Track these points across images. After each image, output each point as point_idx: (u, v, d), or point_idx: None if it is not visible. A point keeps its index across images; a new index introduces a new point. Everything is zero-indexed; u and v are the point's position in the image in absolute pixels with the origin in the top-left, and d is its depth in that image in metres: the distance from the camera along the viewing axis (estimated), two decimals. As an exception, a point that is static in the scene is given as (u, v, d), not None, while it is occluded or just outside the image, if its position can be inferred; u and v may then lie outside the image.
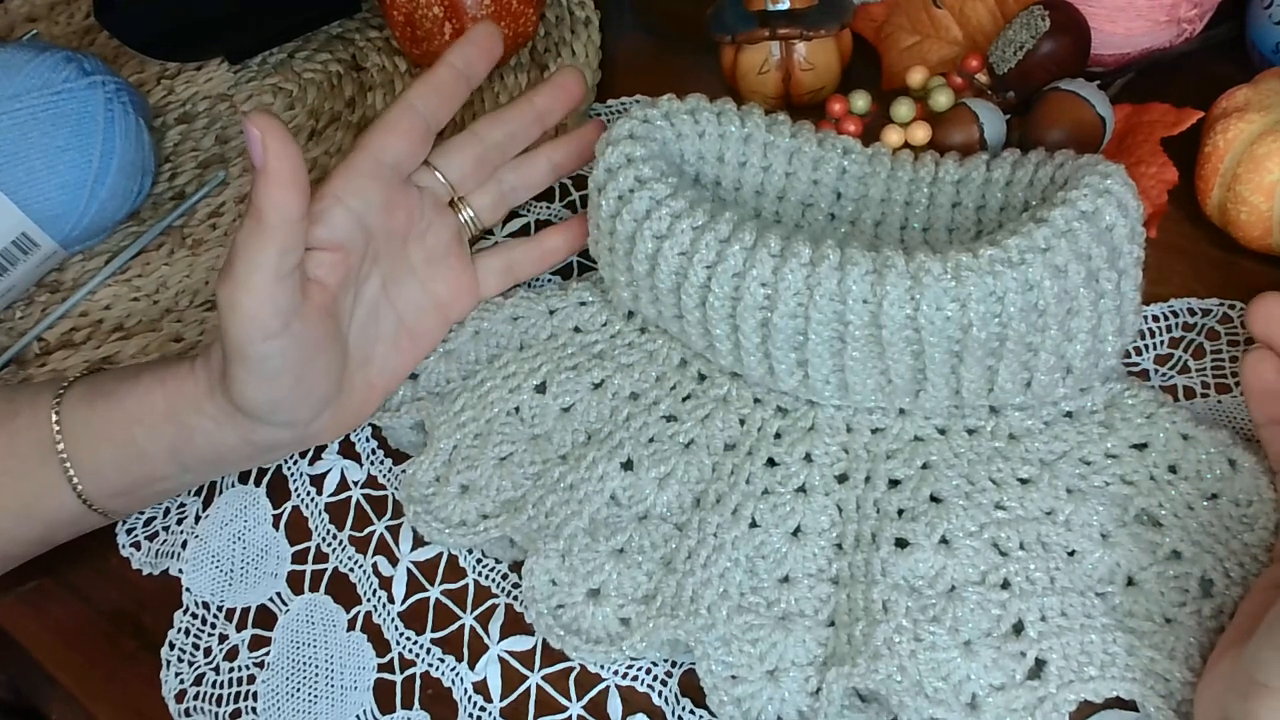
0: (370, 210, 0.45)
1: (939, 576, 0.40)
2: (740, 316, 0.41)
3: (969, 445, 0.43)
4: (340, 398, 0.46)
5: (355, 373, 0.47)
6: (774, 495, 0.43)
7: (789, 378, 0.43)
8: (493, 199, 0.51)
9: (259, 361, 0.41)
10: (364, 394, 0.47)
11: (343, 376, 0.46)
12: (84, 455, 0.44)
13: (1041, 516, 0.41)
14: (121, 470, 0.45)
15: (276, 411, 0.43)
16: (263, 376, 0.41)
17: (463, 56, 0.48)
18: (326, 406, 0.45)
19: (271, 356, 0.41)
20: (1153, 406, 0.43)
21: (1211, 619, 0.38)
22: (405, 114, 0.46)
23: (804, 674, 0.40)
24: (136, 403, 0.44)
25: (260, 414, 0.43)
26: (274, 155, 0.39)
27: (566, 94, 0.52)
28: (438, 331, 0.50)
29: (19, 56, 0.59)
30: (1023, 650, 0.39)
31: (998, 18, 0.56)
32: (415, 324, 0.49)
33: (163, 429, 0.44)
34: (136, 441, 0.44)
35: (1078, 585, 0.40)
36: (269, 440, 0.45)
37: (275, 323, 0.40)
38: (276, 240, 0.39)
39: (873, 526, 0.42)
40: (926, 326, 0.39)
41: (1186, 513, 0.41)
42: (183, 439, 0.44)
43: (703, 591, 0.41)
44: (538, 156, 0.52)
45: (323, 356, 0.44)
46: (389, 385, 0.48)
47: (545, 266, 0.52)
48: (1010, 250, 0.38)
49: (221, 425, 0.44)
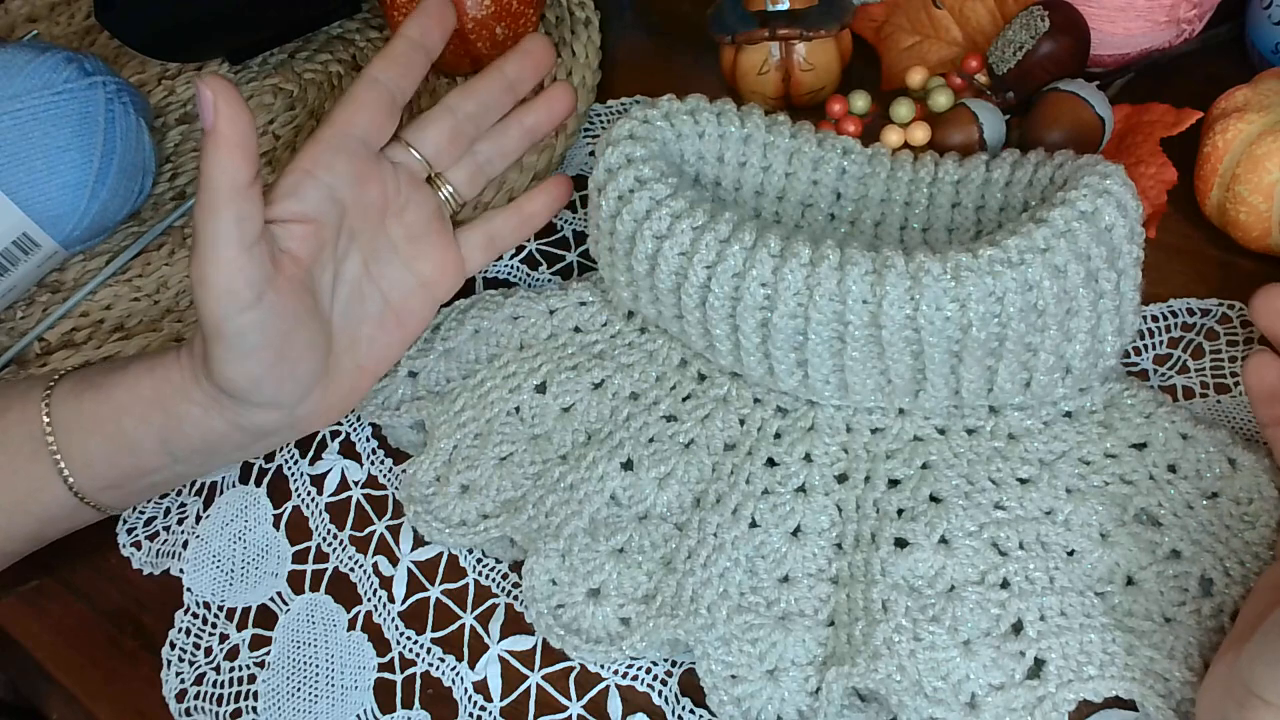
0: (340, 183, 0.45)
1: (938, 576, 0.40)
2: (740, 316, 0.41)
3: (968, 445, 0.43)
4: (328, 380, 0.46)
5: (343, 355, 0.47)
6: (774, 495, 0.43)
7: (789, 378, 0.43)
8: (469, 172, 0.52)
9: (236, 336, 0.41)
10: (353, 377, 0.47)
11: (328, 356, 0.46)
12: (74, 448, 0.45)
13: (1041, 516, 0.41)
14: (112, 462, 0.45)
15: (259, 390, 0.43)
16: (241, 352, 0.41)
17: (418, 27, 0.49)
18: (313, 386, 0.45)
19: (247, 331, 0.41)
20: (1151, 406, 0.43)
21: (1211, 618, 0.38)
22: (367, 87, 0.47)
23: (804, 673, 0.40)
24: (125, 393, 0.44)
25: (243, 393, 0.43)
26: (224, 119, 0.39)
27: (534, 61, 0.53)
28: (425, 312, 0.50)
29: (20, 57, 0.59)
30: (1022, 650, 0.39)
31: (997, 18, 0.56)
32: (401, 304, 0.49)
33: (151, 418, 0.44)
34: (126, 432, 0.44)
35: (1077, 585, 0.40)
36: (257, 424, 0.45)
37: (248, 293, 0.40)
38: (230, 208, 0.40)
39: (872, 526, 0.42)
40: (926, 326, 0.39)
41: (1186, 512, 0.41)
42: (171, 427, 0.44)
43: (703, 591, 0.41)
44: (509, 124, 0.53)
45: (302, 330, 0.44)
46: (378, 369, 0.48)
47: (527, 232, 0.53)
48: (1010, 250, 0.38)
49: (209, 410, 0.44)
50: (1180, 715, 0.37)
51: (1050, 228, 0.39)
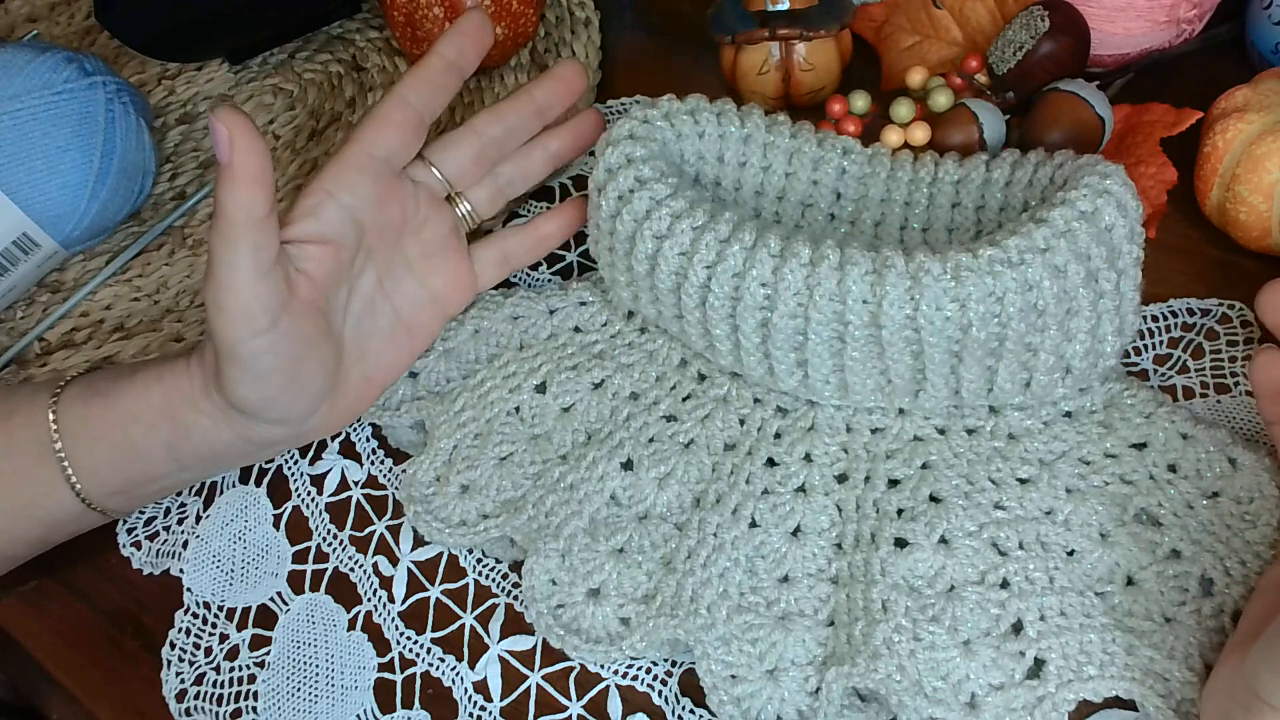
0: (362, 205, 0.45)
1: (938, 576, 0.40)
2: (740, 316, 0.41)
3: (968, 445, 0.43)
4: (336, 393, 0.46)
5: (351, 367, 0.47)
6: (774, 495, 0.43)
7: (789, 378, 0.43)
8: (490, 193, 0.51)
9: (250, 360, 0.41)
10: (360, 389, 0.47)
11: (337, 372, 0.46)
12: (81, 454, 0.44)
13: (1041, 516, 0.41)
14: (118, 469, 0.45)
15: (271, 408, 0.43)
16: (255, 374, 0.41)
17: (454, 46, 0.48)
18: (321, 402, 0.45)
19: (262, 354, 0.41)
20: (1151, 406, 0.43)
21: (1212, 618, 0.38)
22: (397, 107, 0.46)
23: (804, 673, 0.40)
24: (133, 401, 0.44)
25: (254, 411, 0.43)
26: (240, 152, 0.38)
27: (567, 87, 0.51)
28: (435, 325, 0.50)
29: (20, 57, 0.59)
30: (1022, 650, 0.39)
31: (997, 18, 0.56)
32: (412, 318, 0.49)
33: (159, 427, 0.44)
34: (133, 440, 0.44)
35: (1077, 585, 0.40)
36: (265, 437, 0.45)
37: (263, 320, 0.40)
38: (247, 240, 0.39)
39: (872, 526, 0.42)
40: (926, 326, 0.39)
41: (1186, 512, 0.41)
42: (179, 436, 0.44)
43: (702, 591, 0.41)
44: (534, 147, 0.52)
45: (315, 353, 0.44)
46: (385, 380, 0.48)
47: (541, 253, 0.52)
48: (1009, 250, 0.38)
49: (217, 422, 0.44)
50: (1181, 715, 0.37)
51: (1050, 228, 0.39)
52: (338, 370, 0.46)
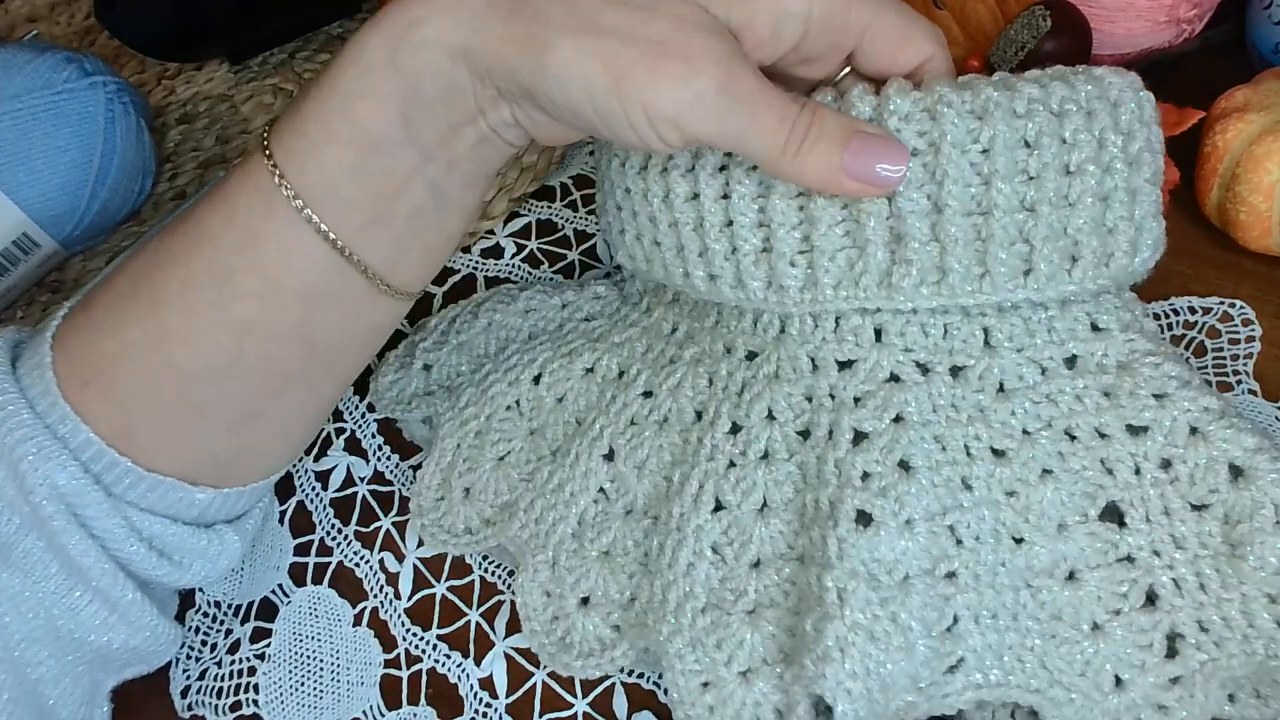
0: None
1: (898, 563, 0.36)
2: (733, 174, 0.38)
3: (950, 396, 0.38)
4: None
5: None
6: (738, 467, 0.39)
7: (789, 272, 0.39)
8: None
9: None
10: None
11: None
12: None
13: (1003, 499, 0.37)
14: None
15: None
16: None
17: None
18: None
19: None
20: (1171, 386, 0.37)
21: (1142, 634, 0.35)
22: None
23: (775, 671, 0.36)
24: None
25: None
26: None
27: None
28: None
29: (20, 57, 0.59)
30: (953, 648, 0.35)
31: (998, 18, 0.56)
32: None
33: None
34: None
35: (1014, 580, 0.36)
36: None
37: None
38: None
39: (832, 495, 0.37)
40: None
41: (1161, 519, 0.36)
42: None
43: (668, 593, 0.38)
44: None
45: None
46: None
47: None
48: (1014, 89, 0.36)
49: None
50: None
51: (1063, 81, 0.37)
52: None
